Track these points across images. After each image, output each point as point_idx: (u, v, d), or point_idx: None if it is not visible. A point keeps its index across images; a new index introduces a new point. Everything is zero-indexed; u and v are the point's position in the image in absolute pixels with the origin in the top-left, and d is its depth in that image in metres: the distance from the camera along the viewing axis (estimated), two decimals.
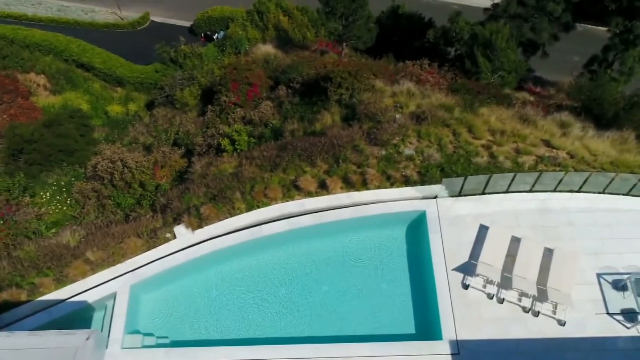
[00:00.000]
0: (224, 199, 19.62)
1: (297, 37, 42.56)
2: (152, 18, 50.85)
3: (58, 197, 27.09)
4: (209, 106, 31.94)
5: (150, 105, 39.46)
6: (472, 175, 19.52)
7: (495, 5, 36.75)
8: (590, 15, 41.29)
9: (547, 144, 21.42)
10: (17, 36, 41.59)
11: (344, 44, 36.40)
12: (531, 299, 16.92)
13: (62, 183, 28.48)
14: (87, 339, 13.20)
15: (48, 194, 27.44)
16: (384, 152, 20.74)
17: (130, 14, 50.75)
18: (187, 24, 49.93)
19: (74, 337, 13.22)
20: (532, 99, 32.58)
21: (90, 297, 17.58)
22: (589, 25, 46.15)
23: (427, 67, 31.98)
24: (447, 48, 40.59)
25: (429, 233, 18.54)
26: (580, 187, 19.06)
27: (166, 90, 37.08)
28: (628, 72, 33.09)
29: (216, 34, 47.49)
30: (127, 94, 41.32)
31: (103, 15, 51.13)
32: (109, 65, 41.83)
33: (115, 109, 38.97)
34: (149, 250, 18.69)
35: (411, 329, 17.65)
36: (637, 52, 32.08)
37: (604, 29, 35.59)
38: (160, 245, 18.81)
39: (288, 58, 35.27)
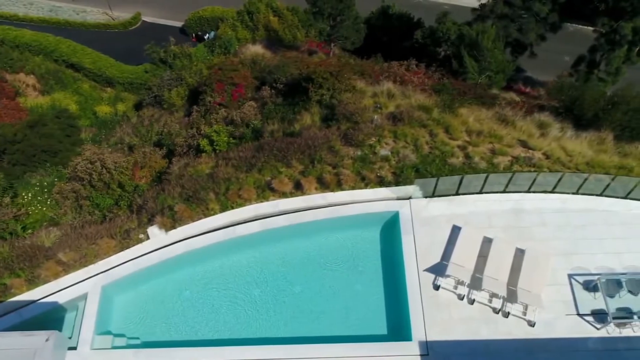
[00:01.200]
0: (198, 200, 19.61)
1: (287, 37, 42.42)
2: (143, 18, 50.77)
3: (39, 198, 27.10)
4: (195, 107, 31.95)
5: (139, 106, 39.49)
6: (446, 175, 19.49)
7: (482, 6, 36.64)
8: (582, 16, 41.11)
9: (524, 144, 21.38)
10: (7, 36, 41.64)
11: (333, 45, 36.34)
12: (501, 300, 16.87)
13: (45, 184, 28.48)
14: (47, 340, 13.23)
15: (30, 195, 27.45)
16: (359, 153, 20.71)
17: (122, 15, 50.67)
18: (179, 24, 49.85)
19: (33, 339, 13.26)
20: (518, 99, 32.48)
21: (61, 298, 17.59)
22: (581, 26, 46.00)
23: (414, 67, 31.92)
24: (436, 48, 40.55)
25: (402, 234, 18.52)
26: (554, 188, 19.02)
27: (154, 91, 37.11)
28: (615, 72, 32.94)
29: (207, 34, 47.41)
30: (116, 95, 41.32)
31: (94, 15, 51.04)
32: (99, 65, 41.84)
33: (103, 110, 39.00)
34: (122, 251, 18.73)
35: (383, 330, 17.64)
36: (623, 53, 31.90)
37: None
38: (133, 246, 18.83)
39: (276, 58, 35.22)
